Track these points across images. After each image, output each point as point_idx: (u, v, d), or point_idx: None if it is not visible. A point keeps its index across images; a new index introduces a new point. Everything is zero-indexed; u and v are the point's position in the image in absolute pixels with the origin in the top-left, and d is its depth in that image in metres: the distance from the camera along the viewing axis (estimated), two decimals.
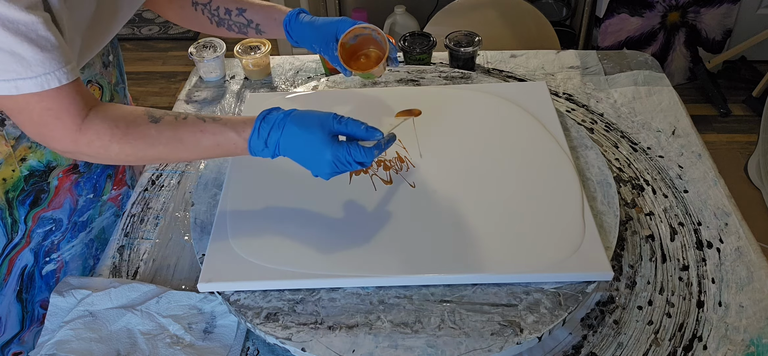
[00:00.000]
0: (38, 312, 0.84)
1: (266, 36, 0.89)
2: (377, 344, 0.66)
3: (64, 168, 0.80)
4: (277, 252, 0.74)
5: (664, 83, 1.09)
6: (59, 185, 0.80)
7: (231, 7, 0.87)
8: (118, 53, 0.88)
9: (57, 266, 0.83)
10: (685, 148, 0.94)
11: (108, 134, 0.64)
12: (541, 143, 0.89)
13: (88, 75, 0.79)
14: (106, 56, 0.83)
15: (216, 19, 0.88)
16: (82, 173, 0.83)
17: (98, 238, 0.88)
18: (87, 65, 0.78)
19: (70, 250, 0.84)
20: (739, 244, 0.79)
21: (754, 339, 0.68)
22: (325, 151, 0.66)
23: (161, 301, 0.73)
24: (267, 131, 0.67)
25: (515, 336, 0.66)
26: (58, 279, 0.84)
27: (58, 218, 0.81)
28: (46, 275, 0.83)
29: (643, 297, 0.73)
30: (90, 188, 0.85)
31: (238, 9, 0.87)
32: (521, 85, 1.04)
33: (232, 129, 0.67)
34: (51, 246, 0.82)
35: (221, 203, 0.82)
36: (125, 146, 0.65)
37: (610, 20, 2.19)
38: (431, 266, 0.71)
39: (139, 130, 0.65)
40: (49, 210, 0.80)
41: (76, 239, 0.85)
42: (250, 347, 0.70)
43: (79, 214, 0.84)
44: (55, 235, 0.82)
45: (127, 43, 2.89)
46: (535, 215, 0.77)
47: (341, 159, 0.67)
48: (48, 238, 0.81)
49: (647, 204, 0.85)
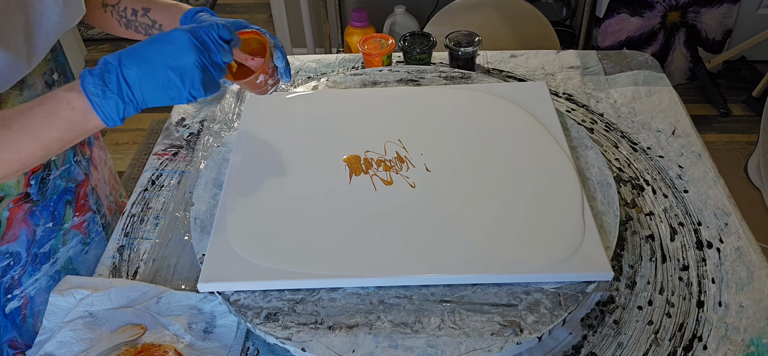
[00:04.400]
0: (7, 352, 0.78)
1: None
2: (377, 344, 0.66)
3: (13, 198, 0.73)
4: (277, 252, 0.74)
5: (664, 83, 1.09)
6: (11, 216, 0.73)
7: (137, 7, 0.82)
8: (67, 70, 0.81)
9: (21, 302, 0.78)
10: (685, 148, 0.94)
11: None
12: (541, 143, 0.89)
13: (28, 96, 0.70)
14: (49, 75, 0.75)
15: (124, 20, 0.83)
16: (36, 201, 0.75)
17: (65, 269, 0.82)
18: (26, 86, 0.70)
19: (33, 284, 0.78)
20: (739, 244, 0.79)
21: (754, 339, 0.68)
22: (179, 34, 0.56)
23: (161, 301, 0.73)
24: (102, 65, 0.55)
25: (515, 336, 0.66)
26: (24, 315, 0.79)
27: (14, 252, 0.75)
28: (11, 313, 0.77)
29: (643, 297, 0.73)
30: (48, 217, 0.78)
31: (143, 9, 0.82)
32: (521, 85, 1.04)
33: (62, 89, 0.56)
34: (11, 282, 0.76)
35: (221, 203, 0.82)
36: None
37: (610, 20, 2.19)
38: (431, 266, 0.71)
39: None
40: (4, 243, 0.73)
41: (39, 272, 0.79)
42: (250, 347, 0.70)
43: (39, 245, 0.77)
44: (13, 270, 0.75)
45: (127, 44, 2.89)
46: (535, 215, 0.77)
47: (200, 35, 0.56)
48: (6, 273, 0.75)
49: (647, 204, 0.85)
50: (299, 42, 2.66)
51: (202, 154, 0.99)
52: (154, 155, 0.99)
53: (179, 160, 0.98)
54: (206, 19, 0.72)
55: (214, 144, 1.01)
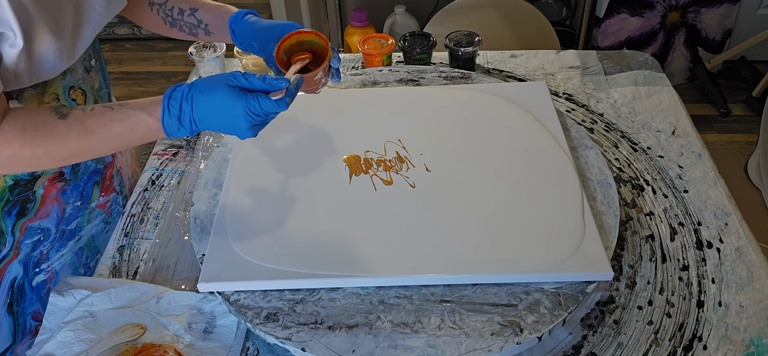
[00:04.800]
0: (30, 324, 0.82)
1: (214, 38, 0.86)
2: (377, 344, 0.66)
3: (49, 176, 0.77)
4: (277, 252, 0.74)
5: (664, 83, 1.09)
6: (45, 193, 0.78)
7: (184, 7, 0.85)
8: (101, 57, 0.86)
9: (47, 276, 0.82)
10: (685, 148, 0.94)
11: (18, 139, 0.61)
12: (541, 143, 0.89)
13: (70, 81, 0.76)
14: (88, 61, 0.81)
15: (169, 19, 0.86)
16: (68, 180, 0.80)
17: (88, 246, 0.86)
18: (68, 71, 0.76)
19: (59, 260, 0.82)
20: (739, 244, 0.79)
21: (754, 339, 0.68)
22: (235, 105, 0.64)
23: (161, 301, 0.73)
24: (178, 109, 0.65)
25: (515, 336, 0.66)
26: (48, 289, 0.82)
27: (45, 228, 0.79)
28: (37, 286, 0.81)
29: (643, 297, 0.73)
30: (77, 196, 0.82)
31: (190, 9, 0.85)
32: (521, 85, 1.04)
33: (142, 110, 0.65)
34: (40, 257, 0.80)
35: (221, 203, 0.82)
36: (36, 149, 0.62)
37: (610, 20, 2.19)
38: (431, 266, 0.71)
39: (48, 129, 0.62)
40: (37, 220, 0.78)
41: (65, 248, 0.83)
42: (250, 347, 0.70)
43: (67, 222, 0.82)
44: (43, 245, 0.80)
45: (127, 43, 2.89)
46: (535, 215, 0.77)
47: (254, 109, 0.64)
48: (36, 248, 0.79)
49: (647, 204, 0.85)
50: None
51: (202, 154, 0.99)
52: (154, 155, 0.99)
53: (179, 160, 0.98)
54: (254, 21, 0.81)
55: (214, 144, 1.01)
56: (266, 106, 0.64)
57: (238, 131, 0.66)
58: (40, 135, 0.62)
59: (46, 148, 0.63)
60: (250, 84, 0.65)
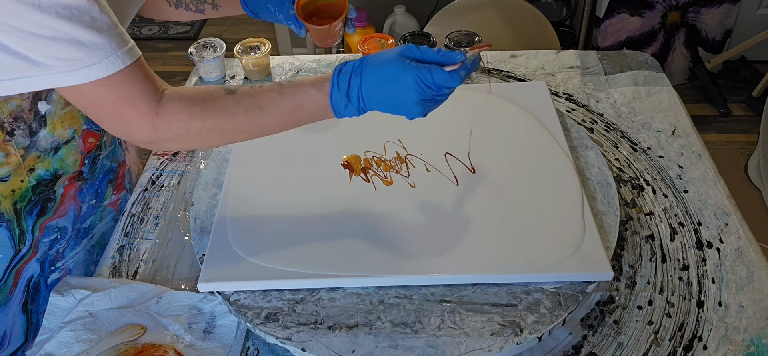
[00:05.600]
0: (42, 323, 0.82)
1: (222, 11, 0.85)
2: (377, 344, 0.66)
3: (69, 175, 0.78)
4: (277, 252, 0.74)
5: (664, 83, 1.09)
6: (65, 192, 0.79)
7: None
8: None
9: (61, 274, 0.82)
10: (685, 148, 0.94)
11: (186, 112, 0.62)
12: (541, 143, 0.89)
13: None
14: None
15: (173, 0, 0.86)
16: (86, 179, 0.81)
17: (99, 244, 0.87)
18: None
19: (73, 257, 0.83)
20: (739, 244, 0.79)
21: (754, 339, 0.68)
22: (406, 74, 0.61)
23: (161, 301, 0.73)
24: (347, 81, 0.63)
25: (515, 336, 0.66)
26: None
27: (62, 226, 0.80)
28: (52, 284, 0.81)
29: (643, 297, 0.73)
30: (92, 194, 0.84)
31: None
32: (521, 85, 1.04)
33: (311, 85, 0.64)
34: (56, 255, 0.81)
35: (221, 203, 0.82)
36: (205, 122, 0.62)
37: (610, 20, 2.19)
38: (431, 266, 0.71)
39: (217, 103, 0.63)
40: (55, 218, 0.79)
41: (79, 246, 0.83)
42: (250, 347, 0.70)
43: (82, 221, 0.83)
44: (60, 243, 0.80)
45: None
46: (535, 215, 0.77)
47: (425, 80, 0.61)
48: (53, 247, 0.80)
49: (647, 204, 0.85)
50: (299, 42, 2.66)
51: (202, 154, 0.99)
52: (154, 155, 0.99)
53: (179, 160, 0.98)
54: None
55: None
56: (438, 78, 0.61)
57: (407, 104, 0.63)
58: (209, 108, 0.62)
59: (215, 120, 0.63)
60: (423, 55, 0.63)
